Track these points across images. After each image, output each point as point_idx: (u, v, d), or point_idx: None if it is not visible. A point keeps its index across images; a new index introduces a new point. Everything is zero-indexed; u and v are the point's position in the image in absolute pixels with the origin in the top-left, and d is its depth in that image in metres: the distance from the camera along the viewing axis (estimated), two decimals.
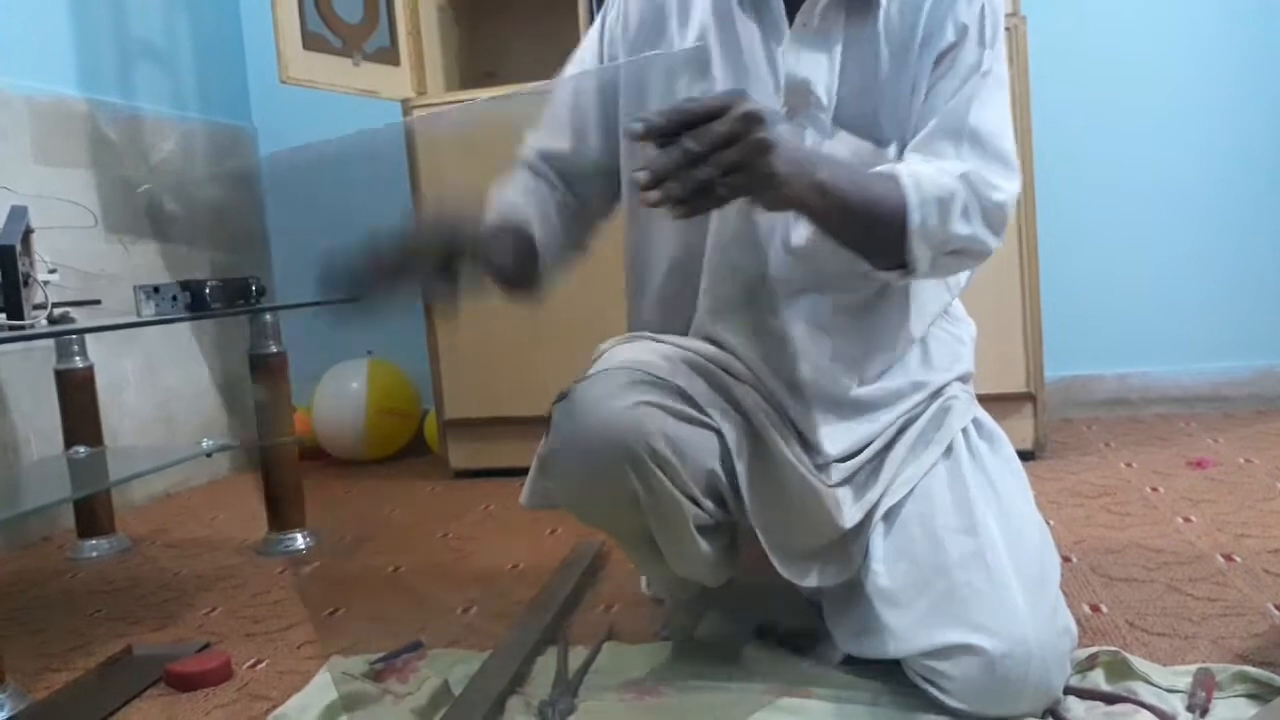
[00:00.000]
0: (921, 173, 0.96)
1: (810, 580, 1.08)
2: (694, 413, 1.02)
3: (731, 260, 1.09)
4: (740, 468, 1.04)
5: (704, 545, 1.05)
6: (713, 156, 0.80)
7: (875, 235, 0.95)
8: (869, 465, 1.09)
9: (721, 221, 1.08)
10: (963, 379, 1.17)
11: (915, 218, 0.94)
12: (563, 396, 1.03)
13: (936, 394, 1.12)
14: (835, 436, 1.08)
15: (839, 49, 1.03)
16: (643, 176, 0.80)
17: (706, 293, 1.11)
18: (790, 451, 1.06)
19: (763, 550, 1.07)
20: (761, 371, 1.09)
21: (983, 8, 1.02)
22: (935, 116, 1.01)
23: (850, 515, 1.06)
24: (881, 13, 1.03)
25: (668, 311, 1.15)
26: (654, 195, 0.80)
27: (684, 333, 1.13)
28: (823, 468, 1.08)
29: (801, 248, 1.06)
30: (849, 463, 1.08)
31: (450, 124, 2.14)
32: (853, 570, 1.07)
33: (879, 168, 0.99)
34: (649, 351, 1.07)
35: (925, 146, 1.01)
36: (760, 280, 1.08)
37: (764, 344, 1.09)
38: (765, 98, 1.03)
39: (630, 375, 1.02)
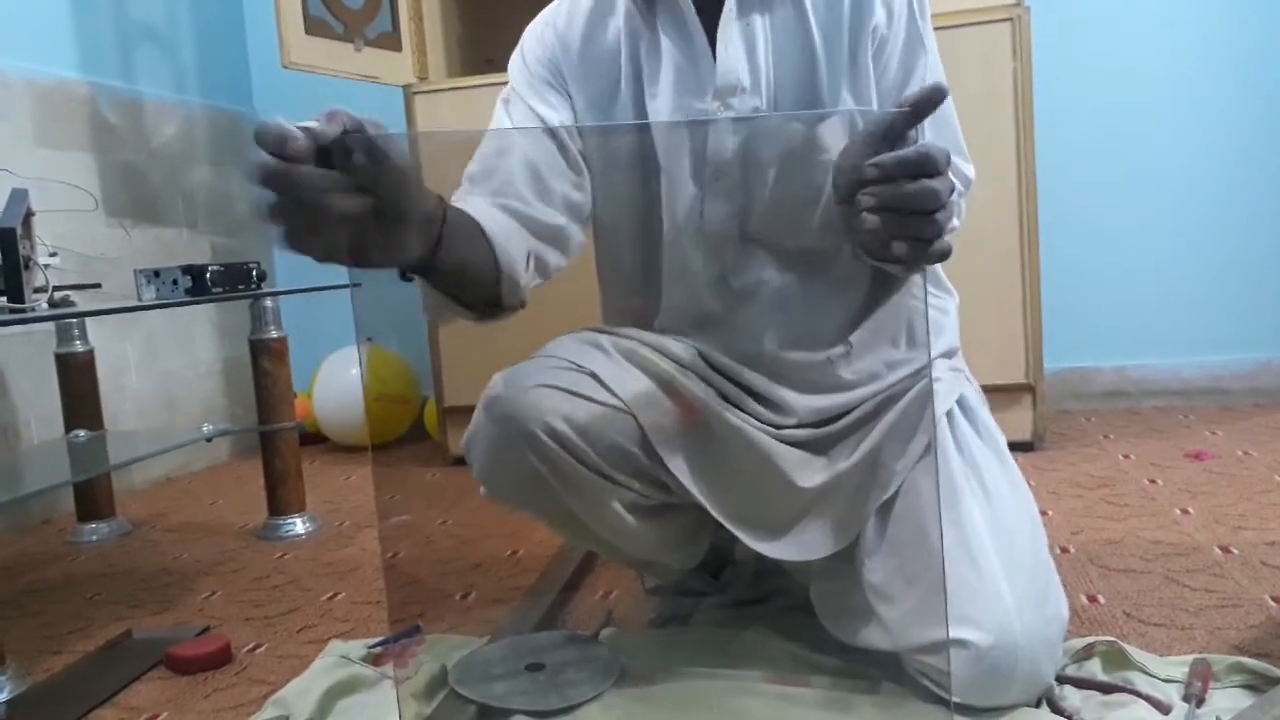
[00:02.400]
0: None
1: (784, 553, 1.07)
2: (606, 397, 1.04)
3: (688, 255, 1.10)
4: (665, 449, 1.05)
5: (638, 524, 1.07)
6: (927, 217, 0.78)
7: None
8: (840, 433, 1.09)
9: (676, 214, 1.09)
10: (947, 354, 1.16)
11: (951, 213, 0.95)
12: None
13: (919, 374, 1.11)
14: (803, 402, 1.09)
15: (762, 40, 1.03)
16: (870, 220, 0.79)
17: (670, 287, 1.12)
18: (738, 417, 1.07)
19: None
20: (721, 350, 1.10)
21: None
22: (890, 103, 1.01)
23: (808, 477, 1.06)
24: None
25: (632, 310, 1.17)
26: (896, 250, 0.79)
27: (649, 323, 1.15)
28: (785, 429, 1.08)
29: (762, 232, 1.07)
30: (820, 429, 1.09)
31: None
32: (836, 547, 1.06)
33: None
34: (577, 341, 1.11)
35: None
36: (728, 256, 1.09)
37: (730, 324, 1.10)
38: (701, 99, 1.04)
39: (541, 363, 1.06)
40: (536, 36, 1.15)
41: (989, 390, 1.22)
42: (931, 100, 0.77)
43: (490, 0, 2.61)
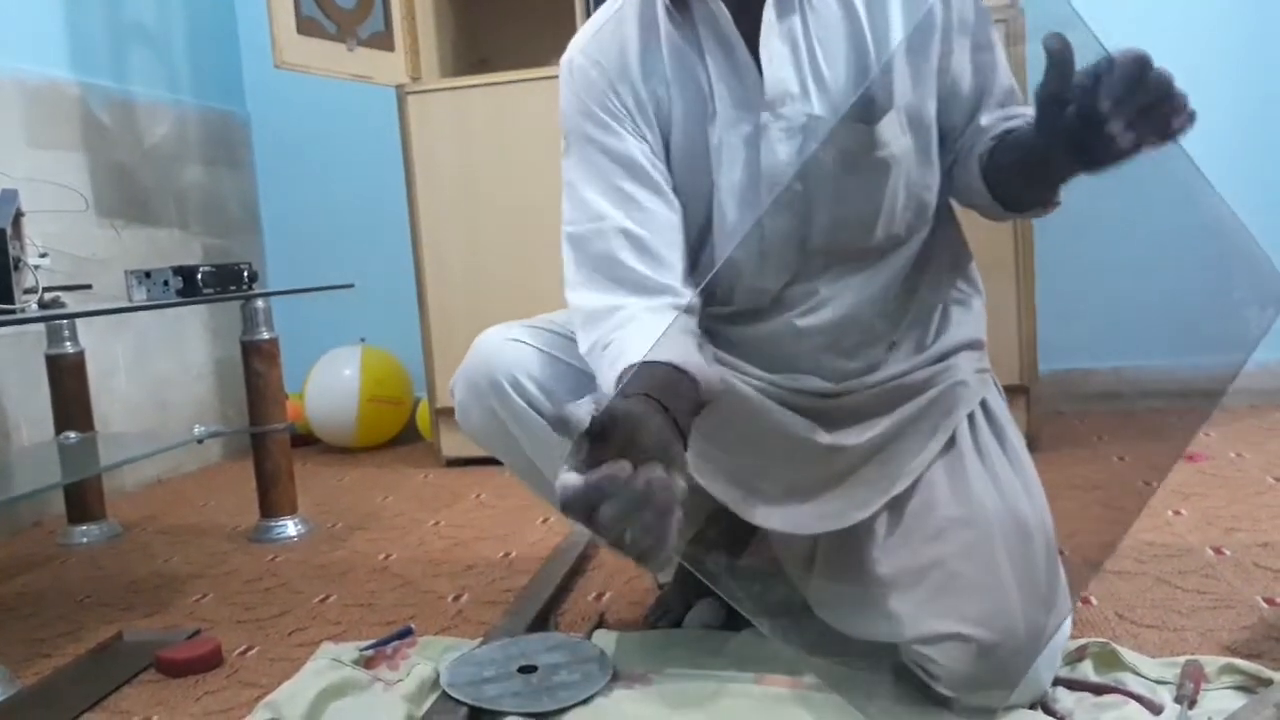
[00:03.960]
0: None
1: (772, 521, 1.06)
2: (580, 364, 1.05)
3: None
4: None
5: None
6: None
7: None
8: (855, 409, 1.08)
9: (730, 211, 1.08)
10: (972, 346, 1.14)
11: None
12: None
13: (944, 363, 1.10)
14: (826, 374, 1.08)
15: (804, 43, 1.02)
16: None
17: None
18: (744, 380, 1.07)
19: (757, 541, 1.07)
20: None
21: None
22: (985, 85, 1.07)
23: (820, 434, 1.06)
24: None
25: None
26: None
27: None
28: (803, 394, 1.08)
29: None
30: (837, 399, 1.08)
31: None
32: (833, 527, 1.04)
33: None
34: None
35: (1013, 99, 1.09)
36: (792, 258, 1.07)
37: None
38: (751, 111, 1.03)
39: (524, 322, 1.14)
40: (586, 81, 1.08)
41: None
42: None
43: (482, 1, 2.61)
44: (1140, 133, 0.82)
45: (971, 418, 1.08)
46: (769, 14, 1.01)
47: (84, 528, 2.01)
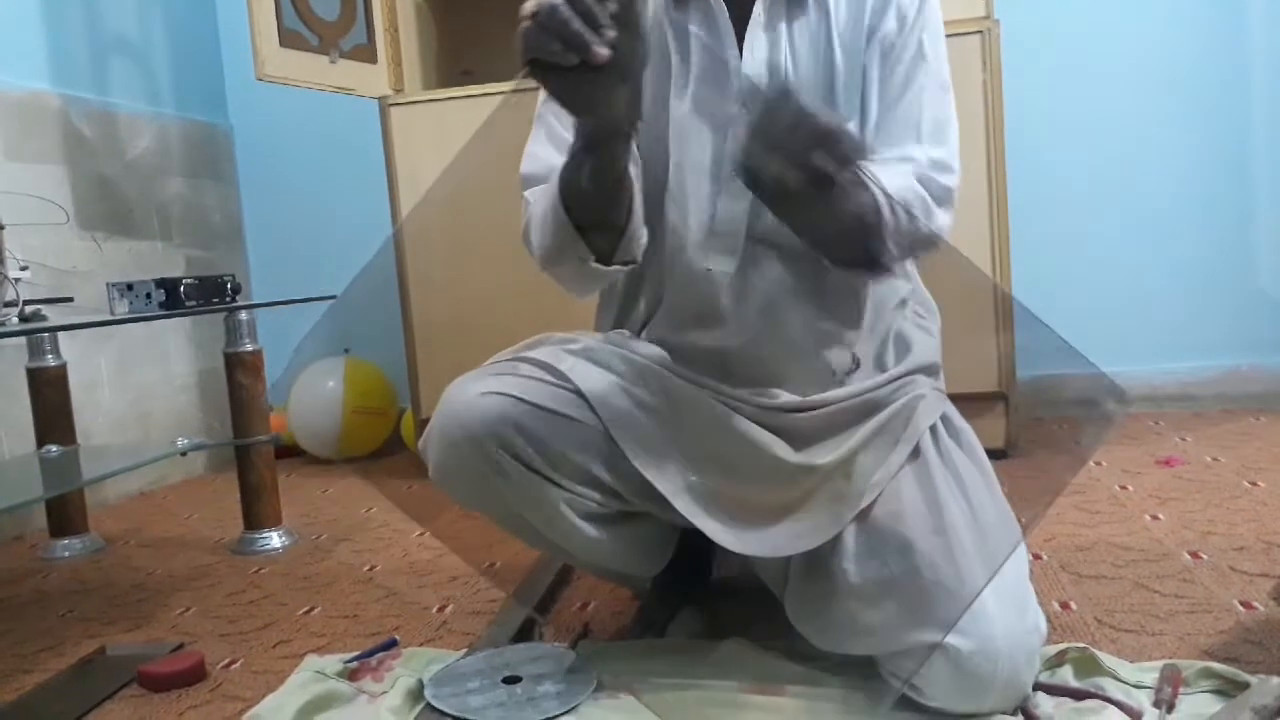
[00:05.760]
0: (884, 176, 0.97)
1: (755, 547, 1.07)
2: (559, 407, 1.07)
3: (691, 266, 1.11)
4: (626, 439, 1.06)
5: (594, 532, 1.10)
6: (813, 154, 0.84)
7: (853, 241, 0.97)
8: (822, 427, 1.10)
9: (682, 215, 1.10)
10: (928, 370, 1.17)
11: (889, 222, 0.95)
12: None
13: (902, 383, 1.13)
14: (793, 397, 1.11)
15: (785, 44, 1.07)
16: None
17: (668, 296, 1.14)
18: (716, 397, 1.08)
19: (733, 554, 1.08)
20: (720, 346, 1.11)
21: None
22: (889, 109, 1.07)
23: (789, 453, 1.07)
24: (831, 5, 1.07)
25: (624, 309, 1.19)
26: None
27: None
28: (768, 409, 1.09)
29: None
30: (803, 414, 1.10)
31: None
32: (810, 545, 1.05)
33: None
34: (547, 342, 1.14)
35: (887, 141, 1.06)
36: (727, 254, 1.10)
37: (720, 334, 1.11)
38: (724, 99, 1.06)
39: (501, 367, 1.10)
40: None
41: (961, 399, 1.23)
42: None
43: (465, 13, 2.61)
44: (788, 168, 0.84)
45: (934, 428, 1.10)
46: (758, 11, 1.06)
47: (66, 541, 2.00)
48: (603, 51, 0.80)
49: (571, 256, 1.02)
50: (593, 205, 0.98)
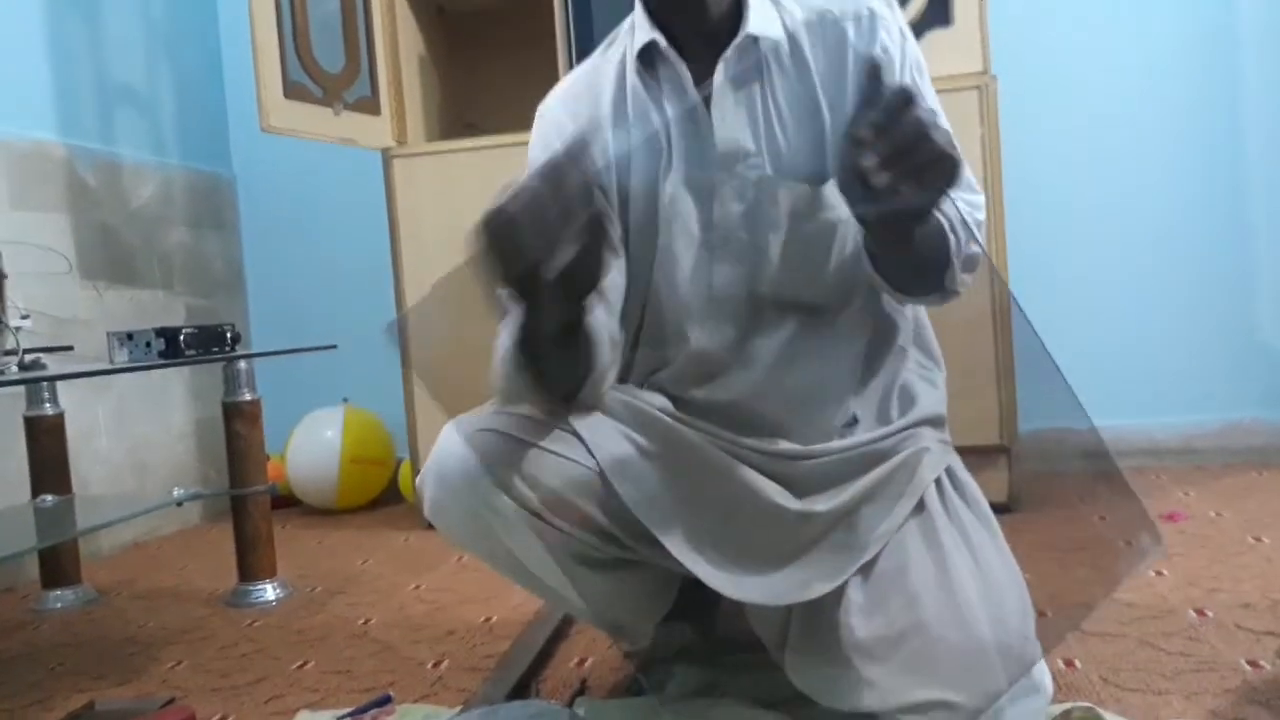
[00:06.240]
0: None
1: (745, 592, 1.05)
2: (557, 448, 1.06)
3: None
4: (623, 483, 1.05)
5: (589, 576, 1.08)
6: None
7: (929, 262, 1.00)
8: (823, 477, 1.09)
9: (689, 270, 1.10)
10: (934, 422, 1.17)
11: (952, 243, 0.99)
12: None
13: (906, 435, 1.12)
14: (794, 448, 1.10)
15: (761, 106, 1.07)
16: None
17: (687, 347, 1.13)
18: (717, 444, 1.08)
19: (732, 608, 1.06)
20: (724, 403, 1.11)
21: (900, 32, 1.08)
22: None
23: (790, 500, 1.06)
24: (807, 51, 1.07)
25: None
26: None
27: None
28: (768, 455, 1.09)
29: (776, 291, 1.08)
30: (805, 461, 1.09)
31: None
32: (814, 594, 1.04)
33: None
34: None
35: None
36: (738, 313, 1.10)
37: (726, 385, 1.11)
38: (705, 168, 1.07)
39: (498, 409, 1.09)
40: (558, 127, 1.12)
41: (962, 452, 1.22)
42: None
43: (468, 66, 2.65)
44: (895, 176, 0.81)
45: (938, 482, 1.09)
46: (719, 77, 1.06)
47: (58, 592, 1.98)
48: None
49: (534, 400, 1.05)
50: (551, 356, 1.00)
